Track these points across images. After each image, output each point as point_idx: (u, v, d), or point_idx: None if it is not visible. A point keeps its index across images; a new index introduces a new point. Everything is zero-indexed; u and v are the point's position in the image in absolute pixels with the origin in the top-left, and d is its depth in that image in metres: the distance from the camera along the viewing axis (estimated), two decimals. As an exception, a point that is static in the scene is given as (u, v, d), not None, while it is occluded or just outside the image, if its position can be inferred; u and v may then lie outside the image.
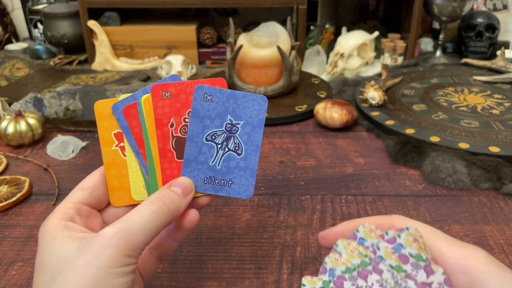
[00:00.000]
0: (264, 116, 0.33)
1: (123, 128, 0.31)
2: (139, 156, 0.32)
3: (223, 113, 0.32)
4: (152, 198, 0.30)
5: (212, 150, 0.33)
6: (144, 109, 0.31)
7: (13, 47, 1.08)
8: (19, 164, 0.62)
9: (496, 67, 0.88)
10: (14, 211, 0.52)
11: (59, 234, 0.28)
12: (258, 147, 0.33)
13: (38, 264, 0.28)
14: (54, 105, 0.69)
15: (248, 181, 0.33)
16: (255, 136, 0.33)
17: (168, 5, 0.97)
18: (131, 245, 0.27)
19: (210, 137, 0.33)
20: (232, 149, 0.33)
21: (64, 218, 0.30)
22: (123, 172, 0.32)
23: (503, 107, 0.73)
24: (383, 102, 0.72)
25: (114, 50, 1.00)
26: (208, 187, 0.33)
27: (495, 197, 0.53)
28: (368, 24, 1.09)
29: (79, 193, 0.32)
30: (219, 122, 0.32)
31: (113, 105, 0.31)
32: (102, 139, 0.32)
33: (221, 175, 0.33)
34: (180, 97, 0.32)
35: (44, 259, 0.28)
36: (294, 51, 0.79)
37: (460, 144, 0.61)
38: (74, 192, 0.32)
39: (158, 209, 0.29)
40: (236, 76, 0.80)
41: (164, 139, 0.32)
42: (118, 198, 0.33)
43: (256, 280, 0.41)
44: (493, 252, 0.45)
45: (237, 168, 0.33)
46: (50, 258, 0.27)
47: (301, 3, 0.92)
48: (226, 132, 0.33)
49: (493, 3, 1.07)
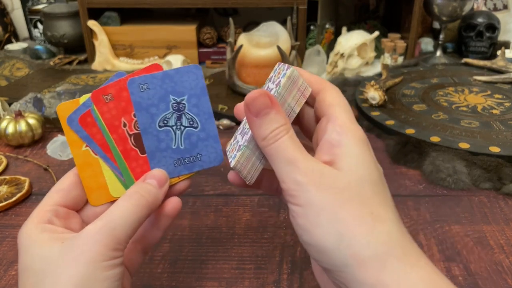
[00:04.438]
0: (204, 83, 0.33)
1: (84, 138, 0.31)
2: (108, 160, 0.32)
3: (164, 96, 0.32)
4: (129, 192, 0.30)
5: (169, 134, 0.33)
6: (98, 114, 0.31)
7: (13, 47, 1.08)
8: (19, 164, 0.62)
9: (497, 67, 0.88)
10: (14, 211, 0.52)
11: (39, 237, 0.28)
12: (211, 114, 0.34)
13: (21, 269, 0.28)
14: (54, 105, 0.69)
15: (214, 148, 0.34)
16: (203, 104, 0.33)
17: (168, 5, 0.96)
18: (116, 238, 0.27)
19: (162, 123, 0.33)
20: (187, 125, 0.33)
21: (42, 221, 0.29)
22: (97, 170, 0.32)
23: (503, 107, 0.73)
24: (383, 102, 0.72)
25: (114, 50, 1.00)
26: (181, 168, 0.33)
27: (495, 197, 0.53)
28: (368, 24, 1.09)
29: (55, 196, 0.31)
30: (165, 106, 0.32)
31: (67, 118, 0.31)
32: (70, 141, 0.32)
33: (188, 153, 0.33)
34: (122, 95, 0.32)
35: (27, 263, 0.28)
36: (294, 51, 0.79)
37: (460, 144, 0.61)
38: (50, 195, 0.32)
39: (137, 201, 0.29)
40: (236, 76, 0.79)
41: (122, 140, 0.32)
42: (96, 197, 0.32)
43: (256, 280, 0.41)
44: (493, 252, 0.45)
45: (199, 140, 0.34)
46: (34, 261, 0.27)
47: (301, 3, 0.92)
48: (175, 112, 0.33)
49: (494, 3, 1.07)
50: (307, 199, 0.26)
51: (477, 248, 0.45)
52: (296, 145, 0.28)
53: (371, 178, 0.27)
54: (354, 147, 0.28)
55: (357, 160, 0.27)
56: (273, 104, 0.28)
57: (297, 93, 0.29)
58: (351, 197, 0.26)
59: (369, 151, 0.28)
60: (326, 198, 0.26)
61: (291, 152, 0.27)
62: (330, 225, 0.25)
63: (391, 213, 0.26)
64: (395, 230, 0.26)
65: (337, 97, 0.30)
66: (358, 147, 0.28)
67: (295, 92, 0.29)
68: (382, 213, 0.26)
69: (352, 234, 0.25)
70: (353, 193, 0.26)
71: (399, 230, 0.26)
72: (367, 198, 0.26)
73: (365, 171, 0.27)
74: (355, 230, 0.25)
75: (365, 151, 0.28)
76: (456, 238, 0.47)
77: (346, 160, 0.27)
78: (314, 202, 0.26)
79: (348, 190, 0.26)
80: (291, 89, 0.29)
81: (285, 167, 0.27)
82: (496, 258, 0.44)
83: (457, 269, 0.42)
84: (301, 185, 0.26)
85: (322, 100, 0.30)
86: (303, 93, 0.30)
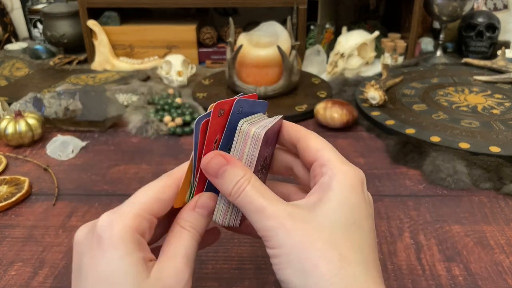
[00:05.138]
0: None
1: (194, 142, 0.30)
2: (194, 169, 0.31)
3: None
4: (184, 224, 0.30)
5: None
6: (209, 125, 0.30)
7: (13, 47, 1.08)
8: (19, 164, 0.62)
9: (497, 67, 0.88)
10: (14, 211, 0.52)
11: (135, 256, 0.26)
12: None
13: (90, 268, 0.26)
14: (53, 105, 0.69)
15: None
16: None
17: (168, 5, 0.96)
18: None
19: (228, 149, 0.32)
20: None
21: (138, 230, 0.27)
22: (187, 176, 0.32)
23: (504, 107, 0.72)
24: (383, 102, 0.72)
25: (114, 50, 1.00)
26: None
27: (495, 197, 0.53)
28: (369, 23, 1.09)
29: (155, 204, 0.29)
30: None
31: (198, 118, 0.30)
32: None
33: None
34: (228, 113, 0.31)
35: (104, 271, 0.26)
36: (294, 51, 0.79)
37: (461, 144, 0.60)
38: (150, 200, 0.29)
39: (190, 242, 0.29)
40: (236, 76, 0.79)
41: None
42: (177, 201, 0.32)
43: (256, 280, 0.41)
44: (493, 252, 0.44)
45: None
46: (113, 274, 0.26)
47: (301, 2, 0.92)
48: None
49: (494, 3, 1.07)
50: (277, 242, 0.27)
51: (477, 248, 0.45)
52: (260, 192, 0.28)
53: (347, 222, 0.28)
54: (339, 193, 0.28)
55: (337, 205, 0.28)
56: (228, 160, 0.29)
57: (251, 141, 0.30)
58: (321, 238, 0.26)
59: (355, 195, 0.29)
60: (295, 239, 0.26)
61: (256, 200, 0.28)
62: (298, 265, 0.26)
63: (360, 256, 0.27)
64: (361, 273, 0.26)
65: (320, 142, 0.31)
66: (343, 193, 0.28)
67: (249, 141, 0.30)
68: (350, 256, 0.26)
69: (318, 274, 0.26)
70: (324, 234, 0.27)
71: (366, 274, 0.26)
72: (337, 241, 0.27)
73: (341, 216, 0.28)
74: (321, 270, 0.26)
75: (350, 197, 0.28)
76: (456, 238, 0.47)
77: (326, 204, 0.28)
78: (285, 244, 0.27)
79: (319, 232, 0.27)
80: (245, 141, 0.30)
81: (254, 216, 0.28)
82: (496, 258, 0.44)
83: (457, 269, 0.42)
84: (270, 230, 0.27)
85: (306, 147, 0.32)
86: (258, 138, 0.30)
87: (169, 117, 0.71)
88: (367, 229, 0.28)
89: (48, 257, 0.45)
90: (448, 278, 0.41)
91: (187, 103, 0.76)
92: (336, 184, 0.29)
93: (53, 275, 0.42)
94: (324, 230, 0.27)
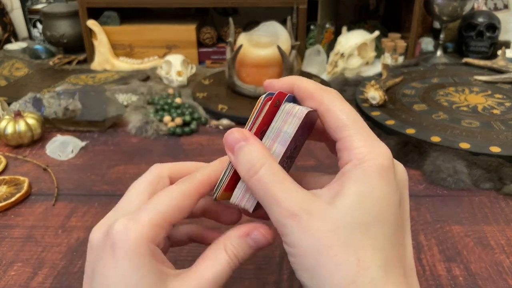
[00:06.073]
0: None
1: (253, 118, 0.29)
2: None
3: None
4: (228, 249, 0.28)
5: None
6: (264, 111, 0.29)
7: (12, 46, 1.08)
8: (18, 164, 0.62)
9: (497, 66, 0.87)
10: (13, 211, 0.52)
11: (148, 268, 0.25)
12: None
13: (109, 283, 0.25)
14: (53, 105, 0.69)
15: None
16: None
17: (167, 4, 0.96)
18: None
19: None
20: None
21: (154, 240, 0.26)
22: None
23: (504, 107, 0.72)
24: (383, 102, 0.72)
25: (114, 50, 1.00)
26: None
27: (496, 198, 0.53)
28: (369, 23, 1.09)
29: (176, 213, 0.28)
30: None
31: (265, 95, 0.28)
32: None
33: None
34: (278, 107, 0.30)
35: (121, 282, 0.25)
36: (294, 50, 0.79)
37: (461, 144, 0.60)
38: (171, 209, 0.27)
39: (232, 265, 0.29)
40: (236, 76, 0.79)
41: None
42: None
43: (256, 281, 0.41)
44: (494, 253, 0.44)
45: None
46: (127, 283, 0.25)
47: (301, 2, 0.92)
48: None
49: (494, 3, 1.07)
50: (292, 240, 0.25)
51: (477, 249, 0.45)
52: (276, 179, 0.26)
53: (368, 219, 0.25)
54: (362, 184, 0.25)
55: (358, 199, 0.25)
56: (246, 138, 0.27)
57: (292, 119, 0.28)
58: (337, 240, 0.24)
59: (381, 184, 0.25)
60: (311, 242, 0.24)
61: (272, 189, 0.25)
62: (313, 269, 0.24)
63: (381, 257, 0.24)
64: (381, 277, 0.24)
65: (344, 114, 0.27)
66: (366, 184, 0.25)
67: (290, 119, 0.28)
68: (369, 259, 0.24)
69: (334, 283, 0.24)
70: (341, 236, 0.24)
71: (386, 276, 0.24)
72: (355, 243, 0.24)
73: (362, 212, 0.25)
74: (337, 279, 0.24)
75: (374, 188, 0.25)
76: (457, 238, 0.47)
77: (347, 198, 0.25)
78: (300, 244, 0.25)
79: (336, 233, 0.24)
80: (285, 119, 0.28)
81: (269, 207, 0.26)
82: (496, 259, 0.44)
83: (457, 269, 0.42)
84: (285, 227, 0.25)
85: (327, 119, 0.28)
86: (300, 117, 0.28)
87: (169, 117, 0.71)
88: (392, 221, 0.25)
89: (48, 257, 0.44)
90: (448, 278, 0.41)
91: (187, 103, 0.76)
92: (358, 174, 0.25)
93: (53, 275, 0.42)
94: (342, 230, 0.24)
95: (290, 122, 0.28)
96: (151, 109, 0.76)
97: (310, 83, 0.29)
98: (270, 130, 0.28)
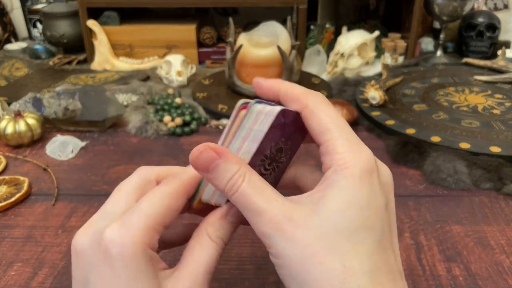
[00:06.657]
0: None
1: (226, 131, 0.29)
2: None
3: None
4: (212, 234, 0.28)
5: None
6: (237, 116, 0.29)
7: (12, 46, 1.08)
8: (18, 164, 0.62)
9: (497, 66, 0.87)
10: (13, 211, 0.52)
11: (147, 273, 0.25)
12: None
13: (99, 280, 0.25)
14: (53, 105, 0.69)
15: None
16: None
17: (167, 4, 0.96)
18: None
19: None
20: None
21: (150, 244, 0.26)
22: None
23: (504, 107, 0.72)
24: (383, 102, 0.72)
25: (114, 50, 1.00)
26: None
27: (496, 198, 0.53)
28: (369, 23, 1.09)
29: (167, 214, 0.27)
30: None
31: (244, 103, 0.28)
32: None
33: None
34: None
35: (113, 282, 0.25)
36: (294, 50, 0.79)
37: (461, 144, 0.60)
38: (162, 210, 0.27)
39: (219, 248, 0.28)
40: (236, 76, 0.79)
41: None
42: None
43: (256, 281, 0.41)
44: (494, 253, 0.44)
45: None
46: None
47: (301, 2, 0.92)
48: None
49: (494, 3, 1.07)
50: (277, 251, 0.25)
51: (477, 249, 0.45)
52: (257, 191, 0.25)
53: (353, 225, 0.24)
54: (342, 190, 0.25)
55: (342, 205, 0.24)
56: (219, 153, 0.26)
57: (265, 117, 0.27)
58: (323, 248, 0.24)
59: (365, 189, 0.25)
60: (296, 251, 0.24)
61: (253, 201, 0.25)
62: (300, 278, 0.24)
63: (367, 262, 0.24)
64: (367, 283, 0.24)
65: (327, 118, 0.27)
66: (349, 190, 0.25)
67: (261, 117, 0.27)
68: (356, 265, 0.24)
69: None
70: (326, 243, 0.24)
71: (373, 282, 0.24)
72: (341, 250, 0.24)
73: (347, 218, 0.24)
74: (323, 286, 0.24)
75: (357, 193, 0.25)
76: (457, 238, 0.47)
77: (331, 203, 0.25)
78: (285, 254, 0.24)
79: (321, 241, 0.24)
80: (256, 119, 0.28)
81: (251, 218, 0.26)
82: (496, 259, 0.44)
83: (457, 269, 0.42)
84: (269, 238, 0.25)
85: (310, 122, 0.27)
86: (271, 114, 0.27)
87: (169, 117, 0.71)
88: (378, 226, 0.25)
89: (48, 257, 0.44)
90: (448, 278, 0.41)
91: (187, 103, 0.76)
92: (341, 180, 0.25)
93: (53, 275, 0.42)
94: (327, 237, 0.24)
95: (261, 120, 0.27)
96: (151, 109, 0.76)
97: (296, 87, 0.29)
98: (240, 130, 0.28)
